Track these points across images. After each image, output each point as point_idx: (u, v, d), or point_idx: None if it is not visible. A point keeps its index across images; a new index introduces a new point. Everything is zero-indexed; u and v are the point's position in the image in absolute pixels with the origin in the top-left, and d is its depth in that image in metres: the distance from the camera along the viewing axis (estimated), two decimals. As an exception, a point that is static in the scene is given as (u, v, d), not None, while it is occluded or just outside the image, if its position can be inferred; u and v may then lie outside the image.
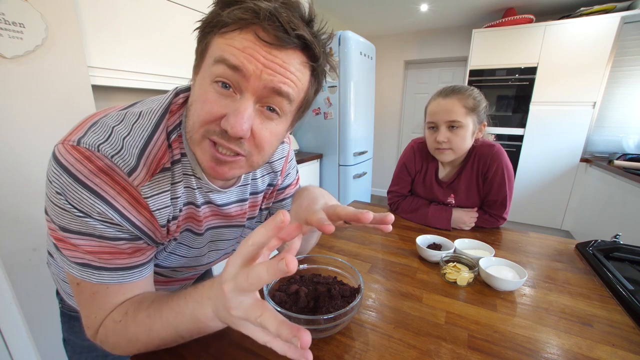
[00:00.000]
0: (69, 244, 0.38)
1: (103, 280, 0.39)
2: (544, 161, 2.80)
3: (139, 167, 0.38)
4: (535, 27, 2.61)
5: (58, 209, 0.36)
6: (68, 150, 0.36)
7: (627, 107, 2.51)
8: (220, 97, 0.37)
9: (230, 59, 0.35)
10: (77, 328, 0.62)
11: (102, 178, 0.36)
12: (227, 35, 0.35)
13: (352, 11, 2.99)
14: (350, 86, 2.36)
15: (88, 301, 0.41)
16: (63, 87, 0.98)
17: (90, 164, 0.36)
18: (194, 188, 0.46)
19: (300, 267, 0.60)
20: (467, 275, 0.63)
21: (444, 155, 0.92)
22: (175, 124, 0.43)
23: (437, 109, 0.89)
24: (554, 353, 0.46)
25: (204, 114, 0.37)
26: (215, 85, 0.36)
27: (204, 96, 0.37)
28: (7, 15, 0.83)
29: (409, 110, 3.96)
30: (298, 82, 0.39)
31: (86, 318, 0.42)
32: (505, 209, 0.94)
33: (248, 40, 0.35)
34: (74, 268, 0.39)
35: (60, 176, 0.35)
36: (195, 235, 0.51)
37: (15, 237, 0.92)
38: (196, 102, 0.38)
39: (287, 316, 0.44)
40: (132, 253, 0.41)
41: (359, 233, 0.92)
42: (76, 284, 0.40)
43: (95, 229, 0.37)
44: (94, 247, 0.38)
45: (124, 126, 0.38)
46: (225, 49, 0.35)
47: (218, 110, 0.36)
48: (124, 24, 1.16)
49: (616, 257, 0.77)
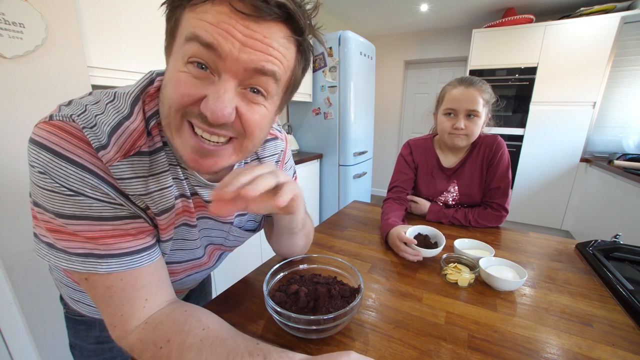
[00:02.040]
0: (67, 233, 0.34)
1: (112, 268, 0.36)
2: (544, 161, 2.80)
3: (109, 146, 0.34)
4: (535, 27, 2.61)
5: (46, 192, 0.33)
6: (41, 127, 0.33)
7: (627, 107, 2.51)
8: (195, 79, 0.33)
9: (203, 35, 0.31)
10: (82, 332, 0.60)
11: (85, 149, 0.33)
12: (199, 8, 0.31)
13: (352, 11, 2.99)
14: (350, 86, 2.36)
15: (106, 297, 0.37)
16: (63, 87, 0.97)
17: (68, 136, 0.32)
18: (181, 179, 0.43)
19: (300, 267, 0.60)
20: (468, 276, 0.63)
21: (459, 140, 0.94)
22: (153, 110, 0.39)
23: (460, 96, 0.92)
24: (554, 353, 0.46)
25: (179, 96, 0.33)
26: (189, 66, 0.33)
27: (176, 78, 0.33)
28: (7, 15, 0.83)
29: (409, 110, 3.96)
30: (283, 59, 0.35)
31: (111, 316, 0.38)
32: (507, 198, 0.96)
33: (222, 12, 0.31)
34: (76, 262, 0.35)
35: (39, 154, 0.32)
36: (190, 228, 0.48)
37: (15, 237, 0.92)
38: (169, 85, 0.34)
39: (287, 316, 0.45)
40: (137, 234, 0.38)
41: (359, 233, 0.92)
42: (84, 279, 0.37)
43: (91, 208, 0.34)
44: (94, 231, 0.34)
45: (98, 106, 0.36)
46: (197, 24, 0.31)
47: (195, 92, 0.33)
48: (124, 24, 1.16)
49: (616, 257, 0.77)
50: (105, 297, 0.38)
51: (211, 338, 0.37)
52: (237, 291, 0.61)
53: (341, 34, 2.28)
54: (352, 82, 2.36)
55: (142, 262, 0.39)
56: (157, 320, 0.39)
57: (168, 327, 0.38)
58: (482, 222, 0.96)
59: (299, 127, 2.70)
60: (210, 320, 0.40)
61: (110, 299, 0.38)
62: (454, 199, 1.04)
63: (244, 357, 0.35)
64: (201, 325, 0.38)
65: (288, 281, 0.56)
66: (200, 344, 0.36)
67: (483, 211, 0.97)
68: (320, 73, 2.45)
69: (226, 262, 1.68)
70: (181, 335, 0.37)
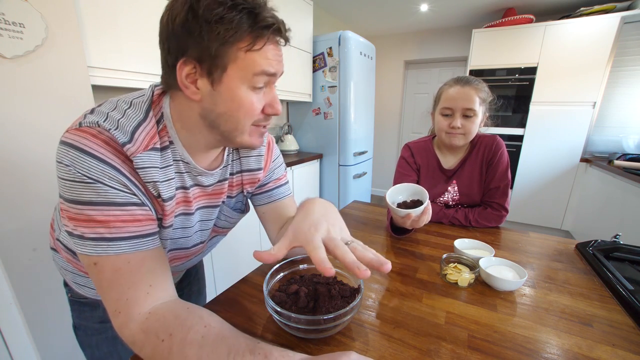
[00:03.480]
0: (82, 220, 0.39)
1: (120, 250, 0.40)
2: (544, 161, 2.81)
3: (132, 141, 0.42)
4: (535, 27, 2.61)
5: (69, 182, 0.39)
6: (72, 133, 0.40)
7: (627, 107, 2.52)
8: (258, 96, 0.46)
9: (270, 70, 0.44)
10: (87, 313, 0.65)
11: (107, 149, 0.40)
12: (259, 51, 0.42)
13: (352, 11, 2.99)
14: (350, 86, 2.37)
15: (112, 281, 0.40)
16: (63, 87, 0.97)
17: (94, 139, 0.40)
18: (182, 172, 0.51)
19: (300, 267, 0.60)
20: (468, 277, 0.63)
21: (456, 139, 0.95)
22: (158, 116, 0.47)
23: (456, 95, 0.91)
24: (554, 353, 0.46)
25: (254, 112, 0.46)
26: (257, 90, 0.45)
27: (249, 99, 0.44)
28: (7, 15, 0.83)
29: (409, 110, 3.97)
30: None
31: (115, 302, 0.40)
32: (507, 198, 0.96)
33: (275, 50, 0.44)
34: (88, 246, 0.39)
35: (68, 152, 0.39)
36: (187, 216, 0.55)
37: (15, 237, 0.92)
38: (242, 107, 0.44)
39: (287, 316, 0.45)
40: (144, 221, 0.44)
41: (359, 233, 0.92)
42: (93, 264, 0.40)
43: (106, 196, 0.39)
44: (106, 215, 0.40)
45: (118, 111, 0.43)
46: (264, 62, 0.43)
47: (260, 107, 0.46)
48: (124, 24, 1.16)
49: (616, 257, 0.77)
50: (111, 281, 0.41)
51: (212, 335, 0.38)
52: (237, 291, 0.61)
53: (341, 34, 2.28)
54: (352, 82, 2.36)
55: (147, 245, 0.44)
56: (160, 312, 0.41)
57: (171, 320, 0.39)
58: (482, 222, 0.96)
59: (299, 127, 2.70)
60: (212, 319, 0.41)
61: (117, 282, 0.41)
62: (453, 200, 1.04)
63: (245, 355, 0.35)
64: (203, 322, 0.39)
65: (288, 281, 0.56)
66: (202, 341, 0.37)
67: (483, 211, 0.97)
68: (320, 73, 2.45)
69: (226, 262, 1.69)
70: (183, 330, 0.38)
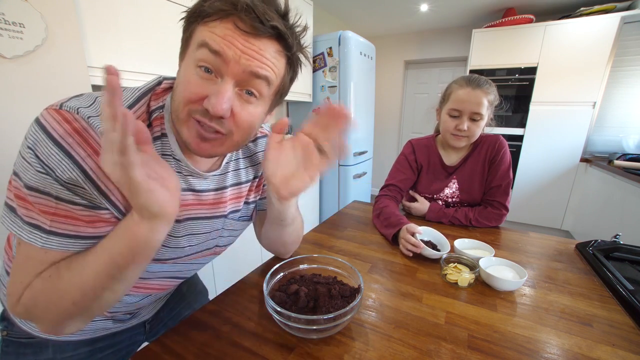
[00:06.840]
0: (28, 202, 0.38)
1: (49, 245, 0.38)
2: (544, 161, 2.80)
3: None
4: (535, 27, 2.61)
5: (25, 163, 0.37)
6: (49, 112, 0.38)
7: (627, 107, 2.51)
8: (202, 80, 0.40)
9: (211, 44, 0.39)
10: (28, 357, 0.54)
11: (75, 138, 0.38)
12: (210, 24, 0.39)
13: (352, 11, 2.99)
14: (350, 86, 2.36)
15: (20, 265, 0.40)
16: (63, 87, 0.97)
17: (66, 125, 0.37)
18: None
19: (300, 267, 0.60)
20: (468, 276, 0.63)
21: (460, 142, 0.96)
22: (157, 105, 0.46)
23: (466, 98, 0.91)
24: (554, 353, 0.46)
25: (188, 94, 0.40)
26: (198, 69, 0.40)
27: (187, 78, 0.41)
28: (7, 15, 0.83)
29: (409, 110, 3.96)
30: (274, 67, 0.43)
31: (13, 284, 0.40)
32: (508, 197, 0.97)
33: (228, 28, 0.39)
34: (24, 229, 0.38)
35: (36, 133, 0.37)
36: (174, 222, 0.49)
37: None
38: (180, 84, 0.42)
39: (287, 316, 0.45)
40: (90, 222, 0.40)
41: (359, 233, 0.92)
42: (18, 243, 0.40)
43: (52, 188, 0.37)
44: (49, 207, 0.38)
45: None
46: (208, 35, 0.39)
47: (201, 92, 0.40)
48: (124, 24, 1.16)
49: (616, 257, 0.77)
50: (19, 264, 0.40)
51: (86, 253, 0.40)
52: (237, 291, 0.61)
53: (341, 34, 2.28)
54: (352, 82, 2.36)
55: (79, 248, 0.41)
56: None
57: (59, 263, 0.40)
58: (482, 221, 0.96)
59: (299, 127, 2.70)
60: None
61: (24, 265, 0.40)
62: (453, 196, 1.04)
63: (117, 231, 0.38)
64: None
65: (288, 281, 0.56)
66: (82, 258, 0.39)
67: (483, 210, 0.97)
68: (320, 73, 2.45)
69: (226, 262, 1.69)
70: (68, 259, 0.40)
